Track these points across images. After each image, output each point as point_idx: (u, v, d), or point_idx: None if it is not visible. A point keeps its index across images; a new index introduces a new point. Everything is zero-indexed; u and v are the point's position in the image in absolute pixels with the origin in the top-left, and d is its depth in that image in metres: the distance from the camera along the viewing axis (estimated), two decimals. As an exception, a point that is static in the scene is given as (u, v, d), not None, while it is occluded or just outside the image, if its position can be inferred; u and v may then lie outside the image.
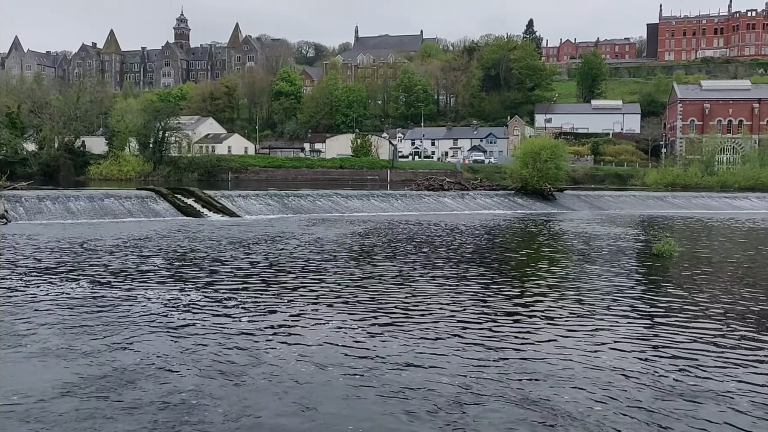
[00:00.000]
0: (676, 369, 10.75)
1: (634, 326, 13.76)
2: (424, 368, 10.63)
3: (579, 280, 19.45)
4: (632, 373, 10.51)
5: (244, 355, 11.20)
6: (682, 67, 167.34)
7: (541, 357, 11.38)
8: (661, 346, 12.20)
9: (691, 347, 12.11)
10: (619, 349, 11.96)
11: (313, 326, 13.18)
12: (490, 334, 12.82)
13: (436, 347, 11.83)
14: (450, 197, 54.18)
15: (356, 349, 11.61)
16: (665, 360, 11.29)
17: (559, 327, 13.55)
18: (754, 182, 74.74)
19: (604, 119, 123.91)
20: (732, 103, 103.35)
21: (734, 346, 12.22)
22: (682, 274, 21.64)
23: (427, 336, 12.60)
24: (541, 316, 14.60)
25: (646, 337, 12.92)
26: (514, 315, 14.61)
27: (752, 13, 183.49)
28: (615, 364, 11.04)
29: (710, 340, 12.65)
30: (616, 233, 34.98)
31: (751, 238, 35.60)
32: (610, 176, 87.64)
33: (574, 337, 12.74)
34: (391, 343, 12.02)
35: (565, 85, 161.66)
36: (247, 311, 14.39)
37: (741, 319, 14.57)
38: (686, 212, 55.87)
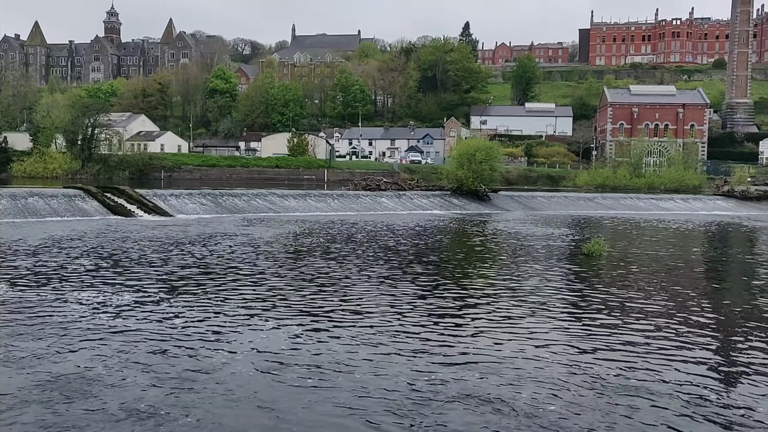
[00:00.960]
0: (607, 363, 11.05)
1: (565, 323, 14.10)
2: (370, 370, 10.63)
3: (513, 279, 19.77)
4: (565, 367, 10.75)
5: (183, 359, 10.91)
6: (612, 72, 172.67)
7: (479, 354, 11.52)
8: (591, 341, 12.54)
9: (619, 342, 12.50)
10: (554, 345, 12.28)
11: (251, 329, 12.96)
12: (429, 334, 12.91)
13: (378, 349, 11.84)
14: (387, 197, 54.34)
15: (298, 352, 11.49)
16: (596, 355, 11.62)
17: (495, 325, 13.75)
18: (678, 184, 77.66)
19: (537, 122, 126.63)
20: (659, 107, 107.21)
21: (660, 341, 12.64)
22: (610, 273, 22.27)
23: (369, 337, 12.58)
24: (477, 315, 14.76)
25: (577, 333, 13.24)
26: (452, 314, 14.72)
27: (677, 22, 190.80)
28: (550, 359, 11.31)
29: (637, 335, 13.07)
30: (549, 233, 35.73)
31: (676, 238, 36.94)
32: (543, 177, 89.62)
33: (511, 335, 12.99)
34: (333, 346, 11.95)
35: (500, 88, 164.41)
36: (182, 314, 14.04)
37: (666, 315, 15.10)
38: (615, 213, 57.57)
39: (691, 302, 17.05)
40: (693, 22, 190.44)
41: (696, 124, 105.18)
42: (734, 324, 14.69)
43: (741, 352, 12.37)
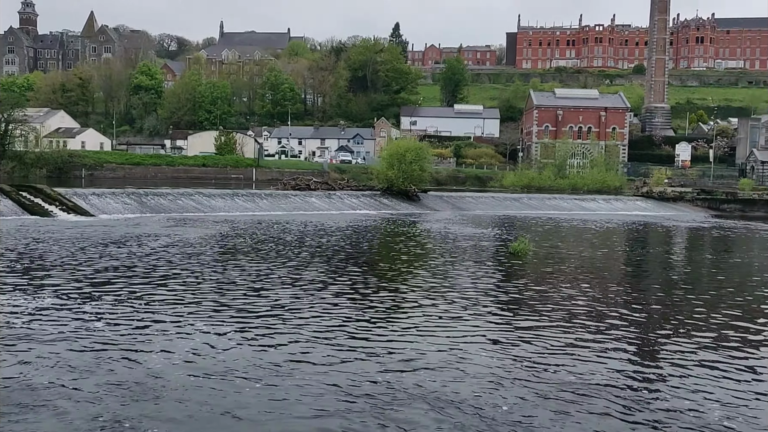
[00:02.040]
0: (535, 358, 11.26)
1: (494, 321, 14.32)
2: (309, 372, 10.55)
3: (443, 278, 19.94)
4: (496, 363, 10.91)
5: (116, 366, 10.49)
6: (538, 75, 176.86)
7: (414, 353, 11.58)
8: (519, 338, 12.78)
9: (546, 338, 12.77)
10: (484, 343, 12.47)
11: (183, 334, 12.60)
12: (363, 334, 12.90)
13: (314, 350, 11.75)
14: (317, 197, 54.02)
15: (236, 355, 11.29)
16: (524, 350, 11.85)
17: (427, 324, 13.84)
18: (601, 185, 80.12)
19: (466, 123, 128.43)
20: (582, 110, 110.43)
21: (584, 336, 12.98)
22: (535, 272, 22.77)
23: (303, 339, 12.47)
24: (410, 314, 14.82)
25: (505, 330, 13.47)
26: (385, 314, 14.72)
27: (599, 28, 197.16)
28: (482, 355, 11.47)
29: (561, 331, 13.38)
30: (477, 233, 36.25)
31: (599, 238, 38.10)
32: (471, 178, 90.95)
33: (443, 333, 13.13)
34: (269, 349, 11.80)
35: (429, 89, 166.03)
36: (104, 318, 13.51)
37: (589, 311, 15.54)
38: (540, 213, 58.95)
39: (613, 299, 17.59)
40: (615, 28, 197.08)
41: (617, 127, 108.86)
42: (653, 319, 15.22)
43: (660, 346, 12.82)
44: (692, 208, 71.85)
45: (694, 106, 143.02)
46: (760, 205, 73.49)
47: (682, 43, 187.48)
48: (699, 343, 12.99)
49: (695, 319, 15.24)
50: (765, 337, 14.06)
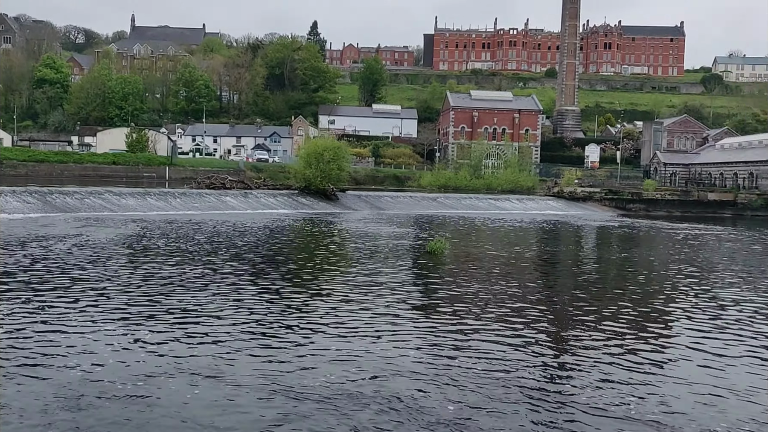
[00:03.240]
0: (449, 353, 11.29)
1: (410, 317, 14.31)
2: (235, 373, 10.29)
3: (360, 277, 19.84)
4: (415, 359, 10.85)
5: (12, 378, 9.79)
6: (454, 77, 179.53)
7: (335, 352, 11.46)
8: (437, 334, 12.82)
9: (460, 333, 12.85)
10: (403, 340, 12.45)
11: (91, 340, 11.94)
12: (278, 333, 12.67)
13: (231, 352, 11.46)
14: (232, 196, 52.96)
15: (148, 360, 10.82)
16: (442, 346, 11.86)
17: (346, 323, 13.71)
18: (514, 185, 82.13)
19: (384, 123, 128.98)
20: (497, 112, 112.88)
21: (498, 331, 13.12)
22: (451, 269, 23.00)
23: (219, 341, 12.11)
24: (329, 313, 14.63)
25: (421, 326, 13.47)
26: (304, 314, 14.48)
27: (514, 32, 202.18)
28: (401, 352, 11.44)
29: (476, 326, 13.49)
30: (395, 232, 36.38)
31: (513, 236, 38.96)
32: (390, 178, 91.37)
33: (362, 331, 13.06)
34: (183, 352, 11.38)
35: (348, 88, 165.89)
36: (7, 325, 12.68)
37: (503, 307, 15.76)
38: (457, 212, 59.86)
39: (527, 296, 17.94)
40: (528, 32, 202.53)
41: (530, 129, 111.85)
42: (565, 314, 15.58)
43: (571, 339, 13.11)
44: (600, 207, 74.70)
45: (603, 110, 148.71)
46: (663, 204, 77.18)
47: (592, 49, 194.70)
48: (609, 336, 13.37)
49: (605, 314, 15.70)
50: (669, 329, 14.61)
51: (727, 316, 15.88)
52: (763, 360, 12.17)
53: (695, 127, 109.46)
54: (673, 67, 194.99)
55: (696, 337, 13.68)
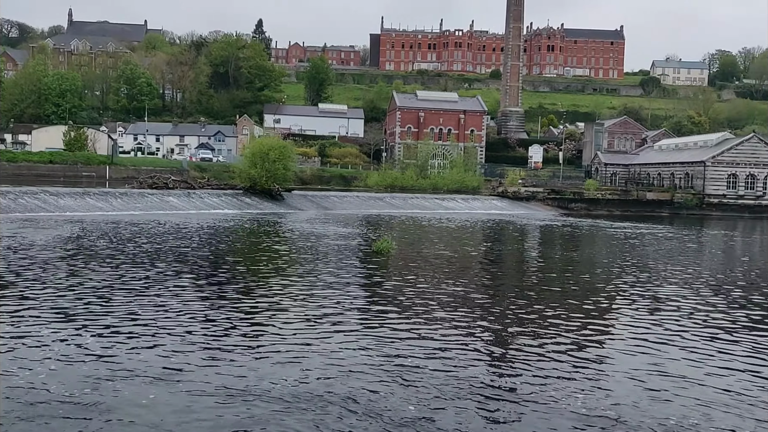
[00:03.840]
0: (398, 353, 11.22)
1: (356, 317, 14.22)
2: (173, 379, 9.98)
3: (306, 277, 19.63)
4: (363, 357, 10.74)
5: None
6: (400, 77, 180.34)
7: (282, 353, 11.28)
8: (383, 333, 12.75)
9: (406, 332, 12.81)
10: (349, 340, 12.35)
11: (33, 346, 11.44)
12: (223, 335, 12.41)
13: (177, 355, 11.18)
14: (175, 196, 51.90)
15: (99, 366, 10.42)
16: (385, 344, 11.81)
17: (293, 323, 13.52)
18: (460, 185, 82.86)
19: (330, 122, 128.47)
20: (443, 113, 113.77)
21: (444, 329, 13.13)
22: (398, 269, 23.00)
23: (162, 345, 11.78)
24: (275, 314, 14.42)
25: (368, 326, 13.39)
26: (247, 314, 14.23)
27: (459, 33, 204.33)
28: (348, 351, 11.38)
29: (423, 325, 13.47)
30: (341, 232, 36.21)
31: (458, 236, 39.25)
32: (336, 178, 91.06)
33: (309, 331, 12.91)
34: (128, 356, 11.03)
35: (293, 88, 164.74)
36: None
37: (448, 305, 15.80)
38: (403, 212, 60.04)
39: (472, 294, 18.04)
40: (473, 34, 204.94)
41: (475, 129, 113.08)
42: (510, 312, 15.70)
43: (516, 336, 13.20)
44: (543, 207, 76.01)
45: (546, 111, 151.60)
46: (603, 203, 79.02)
47: (535, 51, 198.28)
48: (555, 332, 13.53)
49: (550, 311, 15.88)
50: (612, 325, 14.87)
51: (666, 312, 16.25)
52: (701, 352, 12.48)
53: (634, 129, 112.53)
54: (614, 70, 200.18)
55: (638, 332, 13.95)
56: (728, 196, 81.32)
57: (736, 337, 13.92)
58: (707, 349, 12.88)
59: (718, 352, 12.68)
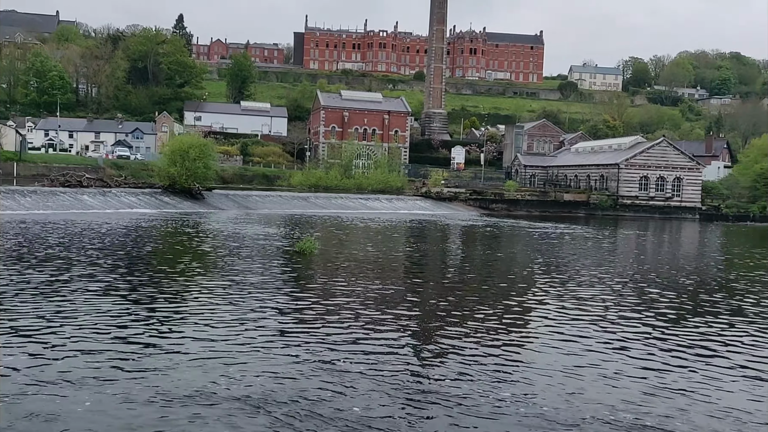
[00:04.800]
0: (321, 354, 11.02)
1: (280, 318, 13.94)
2: (89, 384, 9.56)
3: (227, 278, 19.15)
4: (285, 360, 10.50)
5: None
6: (325, 76, 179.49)
7: (200, 355, 10.95)
8: (304, 332, 12.52)
9: (329, 332, 12.64)
10: (270, 340, 12.10)
11: None
12: (143, 338, 11.92)
13: (99, 360, 10.71)
14: (90, 195, 49.92)
15: (9, 373, 9.76)
16: (311, 345, 11.56)
17: (211, 325, 13.14)
18: (384, 185, 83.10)
19: (253, 121, 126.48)
20: (367, 113, 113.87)
21: (367, 329, 13.00)
22: (320, 269, 22.77)
23: (77, 350, 11.24)
24: (194, 316, 13.96)
25: (292, 327, 13.12)
26: (169, 317, 13.72)
27: (383, 34, 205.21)
28: (269, 353, 11.11)
29: (346, 325, 13.31)
30: (264, 232, 35.64)
31: (381, 235, 39.28)
32: (259, 177, 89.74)
33: (226, 333, 12.58)
34: (45, 361, 10.41)
35: (215, 85, 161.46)
36: None
37: (371, 304, 15.70)
38: (327, 212, 59.72)
39: (396, 293, 17.99)
40: (397, 35, 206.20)
41: (399, 130, 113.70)
42: (432, 311, 15.73)
43: (437, 334, 13.20)
44: (466, 207, 77.17)
45: (468, 113, 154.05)
46: (523, 204, 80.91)
47: (458, 54, 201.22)
48: (478, 331, 13.61)
49: (473, 309, 16.01)
50: (532, 323, 15.09)
51: (585, 309, 16.64)
52: (619, 348, 12.79)
53: (553, 132, 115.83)
54: (533, 74, 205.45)
55: (559, 329, 14.21)
56: (640, 198, 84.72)
57: (653, 331, 14.36)
58: (626, 343, 13.23)
59: (635, 345, 13.05)
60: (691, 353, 12.81)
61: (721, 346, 13.43)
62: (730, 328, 15.16)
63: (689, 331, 14.73)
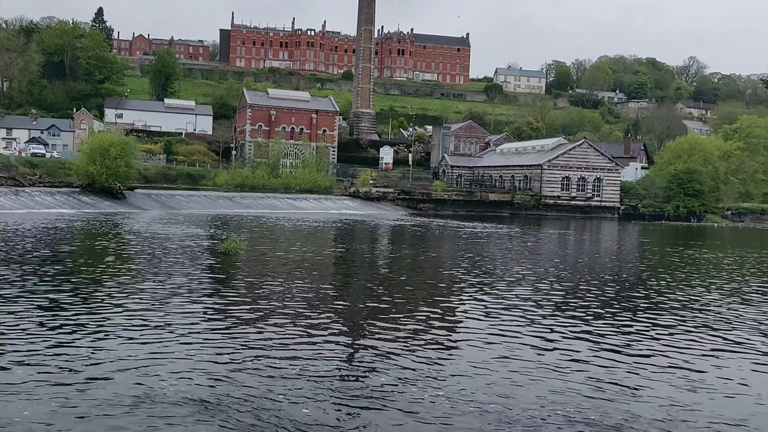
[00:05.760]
0: (251, 354, 10.75)
1: (206, 320, 13.53)
2: (21, 391, 9.02)
3: (151, 280, 18.51)
4: (213, 362, 10.17)
5: None
6: (251, 75, 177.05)
7: (126, 358, 10.37)
8: (233, 334, 12.18)
9: (260, 333, 12.35)
10: (195, 341, 11.76)
11: None
12: (70, 342, 11.46)
13: (18, 365, 10.07)
14: (1, 194, 47.54)
15: None
16: (240, 346, 11.25)
17: (134, 328, 12.60)
18: (312, 185, 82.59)
19: (177, 119, 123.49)
20: (295, 112, 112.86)
21: (297, 330, 12.77)
22: (247, 270, 22.36)
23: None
24: (116, 318, 13.35)
25: (218, 328, 12.79)
26: (89, 320, 13.13)
27: (311, 33, 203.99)
28: (196, 355, 10.79)
29: (275, 326, 13.04)
30: (188, 233, 34.77)
31: (309, 235, 38.96)
32: (183, 176, 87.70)
33: (150, 336, 12.10)
34: None
35: (138, 81, 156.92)
36: None
37: (300, 305, 15.46)
38: (254, 212, 58.88)
39: (323, 293, 17.82)
40: (325, 34, 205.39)
41: (327, 129, 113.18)
42: (360, 310, 15.62)
43: (367, 333, 13.10)
44: (394, 207, 77.56)
45: (396, 113, 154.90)
46: (450, 204, 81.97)
47: (386, 54, 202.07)
48: (406, 330, 13.56)
49: (400, 309, 15.96)
50: (460, 320, 15.17)
51: (511, 306, 16.85)
52: (547, 341, 12.98)
53: (479, 133, 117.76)
54: (460, 76, 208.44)
55: (487, 326, 14.31)
56: (562, 198, 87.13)
57: (577, 325, 14.66)
58: (554, 336, 13.45)
59: (562, 339, 13.27)
60: (617, 345, 13.13)
61: (644, 337, 13.84)
62: (649, 320, 15.66)
63: (614, 324, 15.12)
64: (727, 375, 11.60)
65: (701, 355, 12.93)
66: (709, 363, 12.36)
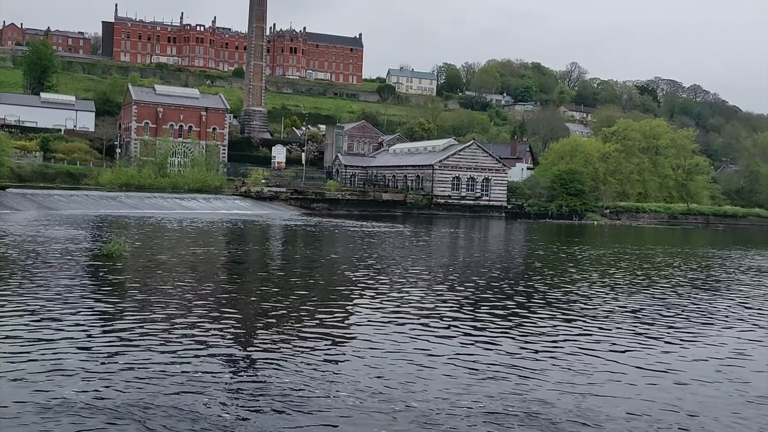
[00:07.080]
0: (138, 359, 10.14)
1: (85, 324, 12.71)
2: None
3: (26, 287, 17.24)
4: (103, 367, 9.49)
5: None
6: (137, 70, 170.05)
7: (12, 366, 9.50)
8: (120, 339, 11.47)
9: (147, 337, 11.71)
10: (78, 347, 10.87)
11: None
12: None
13: None
14: None
15: None
16: (126, 351, 10.60)
17: (16, 338, 11.61)
18: (202, 184, 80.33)
19: (55, 114, 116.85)
20: (183, 109, 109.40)
21: (187, 332, 12.22)
22: (130, 273, 21.39)
23: None
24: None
25: (105, 334, 12.02)
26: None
27: (201, 28, 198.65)
28: (84, 360, 9.94)
29: (163, 329, 12.43)
30: (67, 235, 32.87)
31: (198, 236, 37.78)
32: (63, 175, 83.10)
33: (29, 341, 11.14)
34: None
35: (10, 74, 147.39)
36: None
37: (189, 308, 14.84)
38: (140, 212, 56.58)
39: (215, 296, 17.21)
40: (215, 30, 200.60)
41: (218, 127, 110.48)
42: (252, 312, 15.17)
43: (257, 336, 12.71)
44: (287, 206, 76.73)
45: (289, 112, 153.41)
46: (343, 203, 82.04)
47: (279, 52, 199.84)
48: (297, 330, 13.27)
49: (295, 309, 15.65)
50: (357, 318, 15.03)
51: (406, 302, 16.88)
52: (442, 336, 13.05)
53: (372, 133, 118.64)
54: (353, 76, 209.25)
55: (382, 324, 14.25)
56: (453, 197, 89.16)
57: (472, 318, 14.87)
58: (447, 331, 13.54)
59: (453, 333, 13.40)
60: (510, 337, 13.39)
61: (533, 327, 14.20)
62: (537, 312, 16.11)
63: (506, 317, 15.44)
64: (610, 358, 12.08)
65: (593, 342, 13.41)
66: (594, 352, 12.81)
